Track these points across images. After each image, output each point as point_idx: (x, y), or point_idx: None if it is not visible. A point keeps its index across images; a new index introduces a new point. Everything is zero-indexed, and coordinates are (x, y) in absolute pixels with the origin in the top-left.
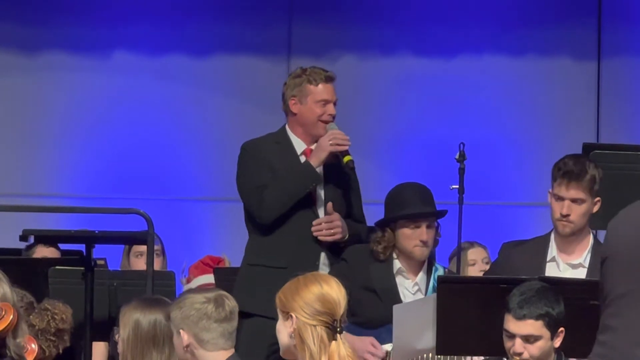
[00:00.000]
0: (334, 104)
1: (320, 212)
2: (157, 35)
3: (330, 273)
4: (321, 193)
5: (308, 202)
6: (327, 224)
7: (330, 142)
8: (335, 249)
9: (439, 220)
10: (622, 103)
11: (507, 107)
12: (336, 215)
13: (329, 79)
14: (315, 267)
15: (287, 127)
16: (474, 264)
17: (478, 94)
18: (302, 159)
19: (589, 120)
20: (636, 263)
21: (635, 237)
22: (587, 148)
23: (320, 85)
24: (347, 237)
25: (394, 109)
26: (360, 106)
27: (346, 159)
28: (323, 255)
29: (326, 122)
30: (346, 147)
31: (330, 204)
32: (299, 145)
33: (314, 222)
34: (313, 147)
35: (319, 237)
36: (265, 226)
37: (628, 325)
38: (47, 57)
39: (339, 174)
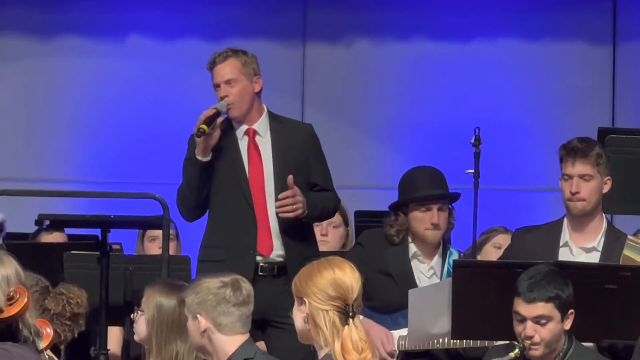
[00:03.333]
0: (227, 83)
1: (269, 196)
2: (172, 19)
3: (345, 257)
4: (270, 171)
5: (238, 191)
6: (292, 198)
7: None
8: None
9: (454, 205)
10: (637, 87)
11: (522, 91)
12: (297, 190)
13: (215, 62)
14: (251, 256)
15: None
16: (499, 248)
17: (493, 79)
18: (244, 141)
19: (605, 105)
20: None
21: None
22: (603, 132)
23: (211, 73)
24: (306, 213)
25: (409, 94)
26: (375, 90)
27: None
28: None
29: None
30: (199, 124)
31: (290, 177)
32: (240, 127)
33: (279, 196)
34: (255, 125)
35: (281, 214)
36: (207, 220)
37: None
38: (62, 42)
39: (288, 146)
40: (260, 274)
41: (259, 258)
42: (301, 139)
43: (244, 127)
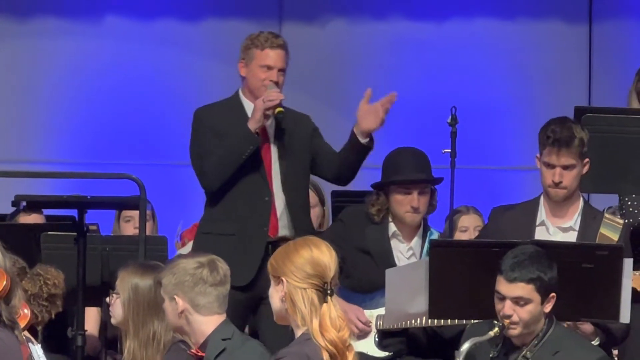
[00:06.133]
0: (280, 70)
1: (275, 177)
2: (148, 0)
3: (325, 233)
4: (275, 154)
5: (258, 167)
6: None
7: (264, 99)
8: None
9: (435, 187)
10: (613, 66)
11: (499, 70)
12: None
13: (277, 46)
14: (263, 232)
15: (240, 90)
16: (465, 231)
17: (470, 58)
18: None
19: (581, 83)
20: None
21: None
22: (579, 111)
23: (266, 50)
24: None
25: (385, 73)
26: (351, 70)
27: (277, 110)
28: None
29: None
30: (277, 102)
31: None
32: (250, 108)
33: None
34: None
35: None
36: (215, 193)
37: None
38: (39, 23)
39: (290, 137)
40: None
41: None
42: (304, 130)
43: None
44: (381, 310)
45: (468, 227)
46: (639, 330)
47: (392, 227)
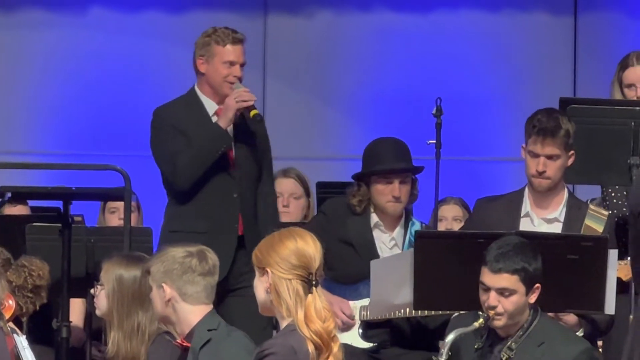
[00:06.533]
0: (241, 65)
1: (236, 174)
2: None
3: (307, 225)
4: (238, 150)
5: (224, 165)
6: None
7: (236, 99)
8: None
9: (417, 176)
10: (598, 57)
11: (484, 62)
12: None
13: (237, 41)
14: (234, 230)
15: (196, 87)
16: (441, 220)
17: (455, 50)
18: (215, 119)
19: (566, 75)
20: None
21: None
22: (564, 102)
23: (227, 46)
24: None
25: (371, 65)
26: (336, 62)
27: (252, 112)
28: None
29: (231, 83)
30: (251, 103)
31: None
32: (210, 105)
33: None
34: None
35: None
36: (183, 191)
37: None
38: (24, 15)
39: (249, 135)
40: None
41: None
42: (257, 127)
43: (214, 107)
44: (365, 302)
45: (446, 217)
46: (623, 321)
47: (374, 218)
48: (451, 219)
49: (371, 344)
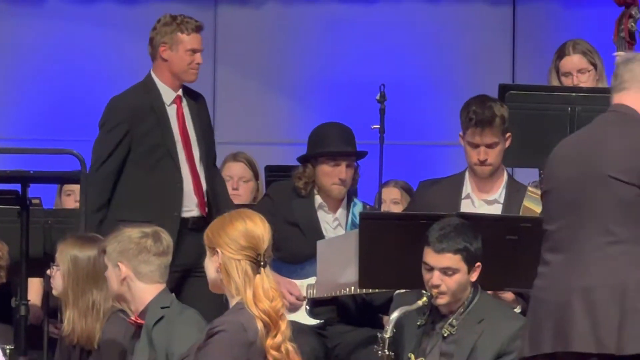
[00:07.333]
0: (200, 53)
1: (189, 162)
2: None
3: (255, 208)
4: (194, 137)
5: (169, 155)
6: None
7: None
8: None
9: (359, 161)
10: (536, 45)
11: (426, 51)
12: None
13: (199, 29)
14: (176, 217)
15: (152, 73)
16: (383, 202)
17: (398, 39)
18: (173, 109)
19: (505, 63)
20: (571, 200)
21: (573, 176)
22: (503, 89)
23: (192, 35)
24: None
25: (318, 53)
26: (284, 50)
27: None
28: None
29: (194, 69)
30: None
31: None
32: (166, 92)
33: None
34: (179, 92)
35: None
36: (128, 181)
37: (562, 259)
38: None
39: (198, 116)
40: (191, 227)
41: (194, 214)
42: (204, 107)
43: (172, 94)
44: (311, 280)
45: (385, 200)
46: None
47: (318, 200)
48: (389, 201)
49: (318, 321)
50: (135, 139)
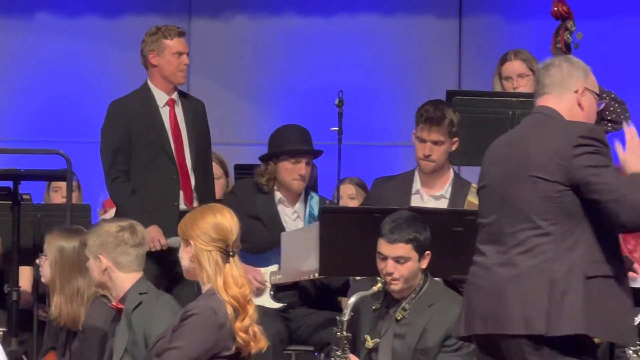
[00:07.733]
0: (187, 54)
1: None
2: None
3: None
4: (186, 137)
5: (166, 152)
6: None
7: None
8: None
9: (317, 160)
10: (480, 55)
11: (381, 59)
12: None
13: (181, 34)
14: (175, 207)
15: (148, 80)
16: (340, 198)
17: (355, 48)
18: (166, 110)
19: (452, 71)
20: (501, 196)
21: (503, 173)
22: (450, 94)
23: (175, 39)
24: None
25: (281, 62)
26: (251, 60)
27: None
28: (181, 198)
29: (182, 71)
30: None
31: None
32: (160, 96)
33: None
34: (174, 96)
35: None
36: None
37: (495, 250)
38: None
39: (195, 118)
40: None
41: (182, 207)
42: (201, 112)
43: (165, 97)
44: (274, 268)
45: (342, 196)
46: None
47: (278, 195)
48: (346, 197)
49: (281, 305)
50: (134, 137)
